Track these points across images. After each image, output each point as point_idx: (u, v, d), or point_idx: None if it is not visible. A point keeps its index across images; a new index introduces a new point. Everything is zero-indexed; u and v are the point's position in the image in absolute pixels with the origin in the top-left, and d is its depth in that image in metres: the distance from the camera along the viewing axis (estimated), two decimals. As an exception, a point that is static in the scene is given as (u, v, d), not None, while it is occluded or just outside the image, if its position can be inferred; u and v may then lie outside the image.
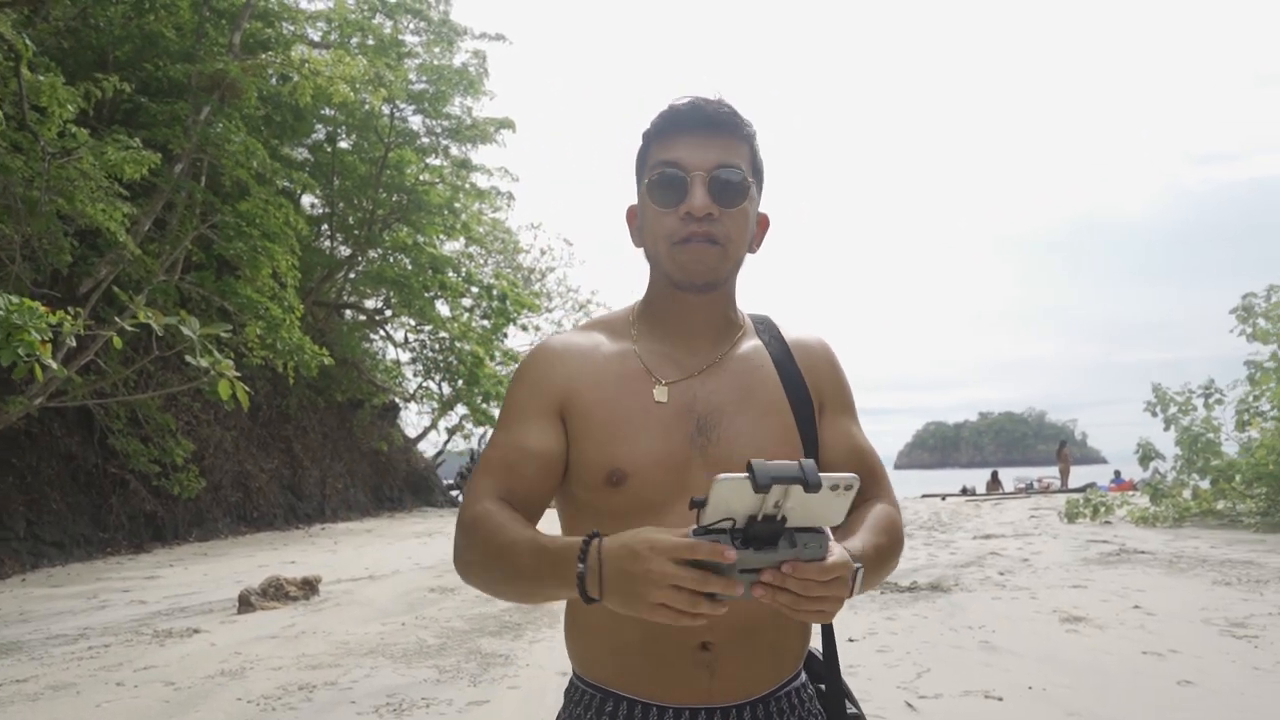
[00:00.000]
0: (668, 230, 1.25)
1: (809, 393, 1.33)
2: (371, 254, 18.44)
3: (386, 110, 15.71)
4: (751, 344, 1.36)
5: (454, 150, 18.81)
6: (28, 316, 5.78)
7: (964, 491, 28.88)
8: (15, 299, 5.78)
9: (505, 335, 20.42)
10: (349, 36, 15.74)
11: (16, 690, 4.75)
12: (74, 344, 7.91)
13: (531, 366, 1.32)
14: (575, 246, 30.28)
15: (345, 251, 18.63)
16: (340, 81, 11.57)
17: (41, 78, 7.98)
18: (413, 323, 20.16)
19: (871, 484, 1.31)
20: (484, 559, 1.14)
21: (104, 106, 11.06)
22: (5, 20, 7.75)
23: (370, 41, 15.81)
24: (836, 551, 0.97)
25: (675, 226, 1.24)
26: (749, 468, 0.87)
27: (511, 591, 1.16)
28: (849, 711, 1.32)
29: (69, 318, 6.42)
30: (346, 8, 16.06)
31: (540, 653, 5.36)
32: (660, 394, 1.25)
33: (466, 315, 20.13)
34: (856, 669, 4.80)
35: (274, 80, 13.28)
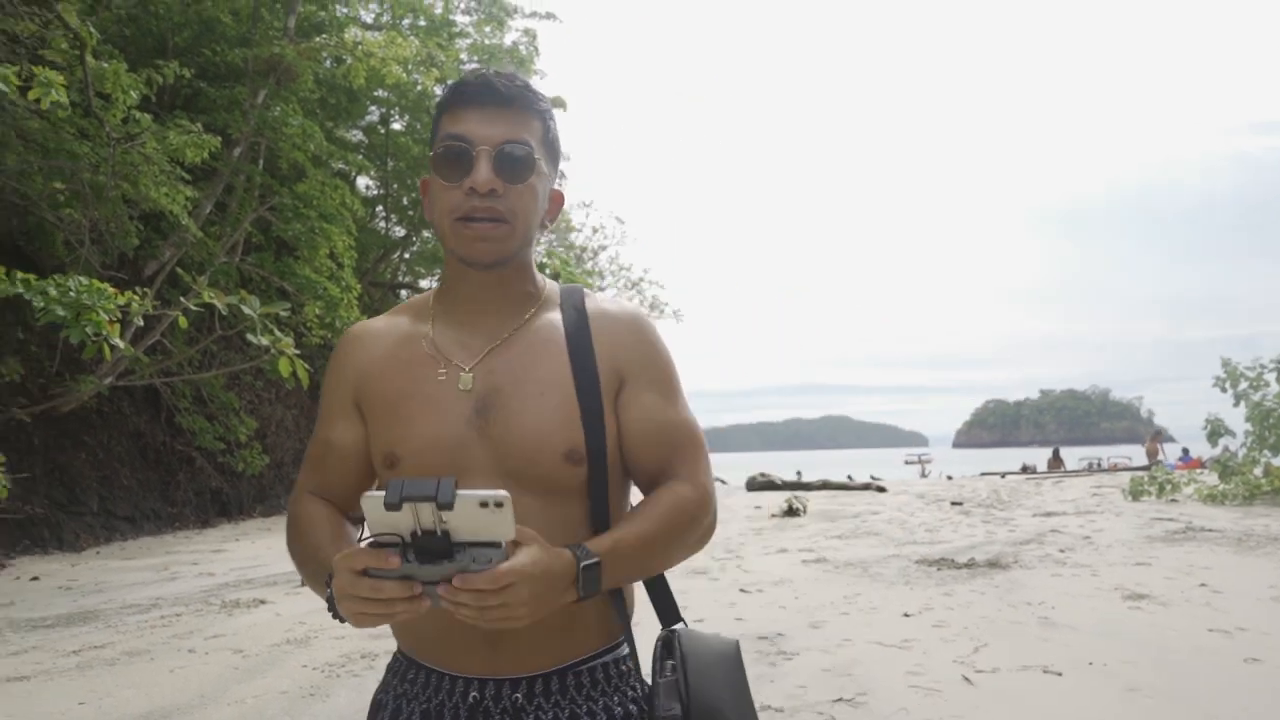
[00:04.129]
0: (452, 205, 1.21)
1: (596, 365, 1.26)
2: (425, 234, 18.64)
3: (438, 90, 15.81)
4: (548, 317, 1.31)
5: (506, 130, 18.88)
6: (96, 297, 5.97)
7: (1024, 469, 28.41)
8: (85, 280, 5.98)
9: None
10: (400, 18, 15.85)
11: (95, 655, 4.95)
12: (141, 324, 8.14)
13: (333, 358, 1.36)
14: (627, 225, 30.28)
15: (400, 232, 18.86)
16: (393, 63, 11.67)
17: (105, 65, 8.18)
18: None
19: (676, 462, 1.26)
20: (298, 559, 1.25)
21: (165, 92, 11.31)
22: (70, 9, 7.94)
23: (421, 22, 15.89)
24: (520, 560, 0.97)
25: (459, 201, 1.21)
26: (388, 486, 0.89)
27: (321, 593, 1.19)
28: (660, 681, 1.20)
29: (136, 298, 6.62)
30: (398, -11, 16.16)
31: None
32: (443, 376, 1.24)
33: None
34: (912, 643, 4.77)
35: (328, 63, 13.43)
